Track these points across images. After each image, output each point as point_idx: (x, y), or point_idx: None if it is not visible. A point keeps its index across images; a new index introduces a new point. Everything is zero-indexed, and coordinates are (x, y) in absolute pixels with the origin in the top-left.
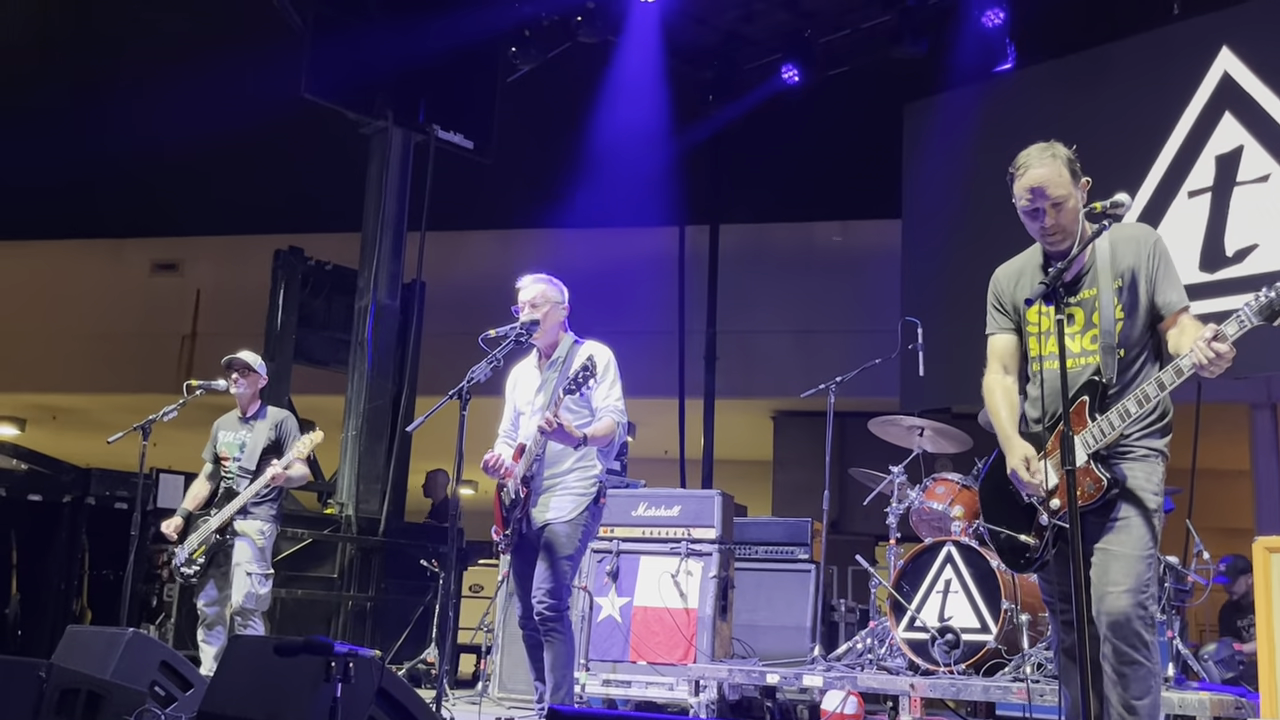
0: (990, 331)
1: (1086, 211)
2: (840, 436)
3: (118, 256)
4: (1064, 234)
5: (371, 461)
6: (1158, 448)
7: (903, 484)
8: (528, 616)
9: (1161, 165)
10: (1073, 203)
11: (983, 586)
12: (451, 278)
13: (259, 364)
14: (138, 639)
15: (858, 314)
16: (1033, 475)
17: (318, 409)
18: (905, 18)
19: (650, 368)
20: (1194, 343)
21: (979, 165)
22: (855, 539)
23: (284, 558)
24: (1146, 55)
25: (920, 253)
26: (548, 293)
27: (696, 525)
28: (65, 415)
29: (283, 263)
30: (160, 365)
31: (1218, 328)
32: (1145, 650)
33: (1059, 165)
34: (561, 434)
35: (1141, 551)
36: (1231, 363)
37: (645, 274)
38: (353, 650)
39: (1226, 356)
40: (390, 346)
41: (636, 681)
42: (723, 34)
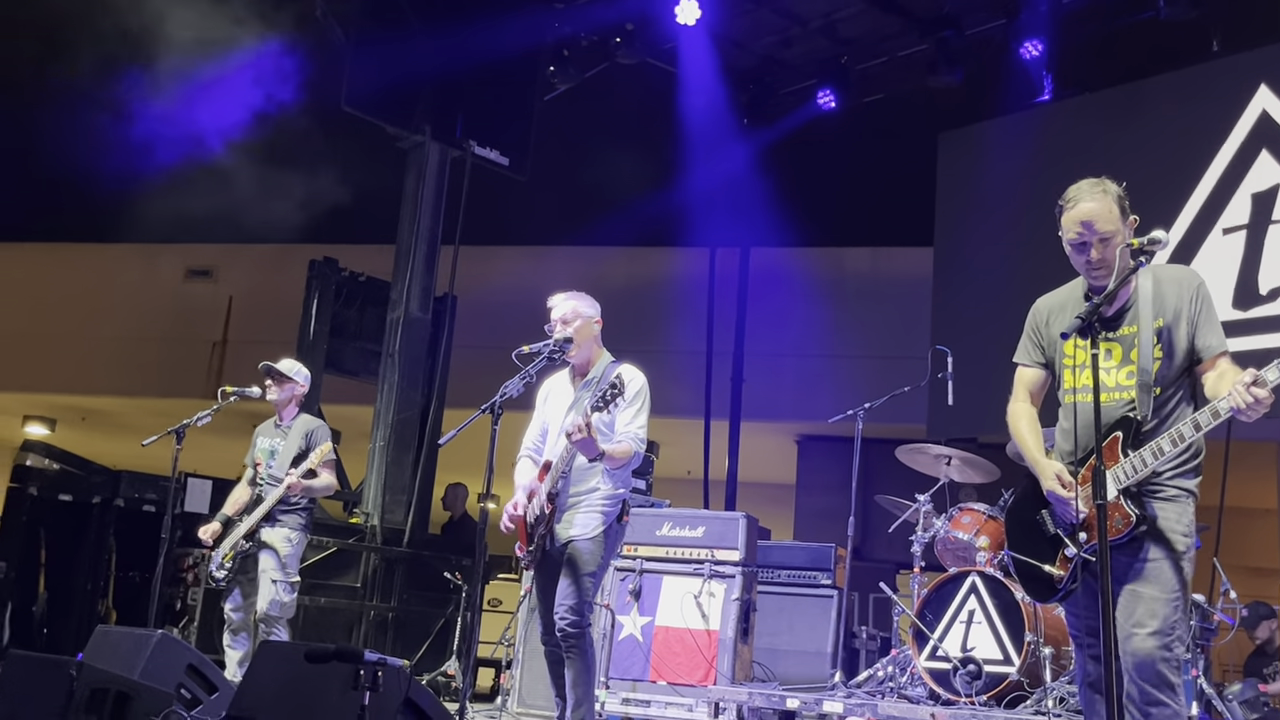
0: (1020, 361)
1: (1123, 247)
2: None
3: (152, 262)
4: (1109, 269)
5: (398, 472)
6: (1188, 488)
7: (928, 512)
8: (549, 633)
9: (1197, 202)
10: (1120, 239)
11: (1006, 618)
12: (483, 292)
13: (296, 372)
14: (166, 641)
15: (885, 341)
16: (1071, 490)
17: (347, 419)
18: (942, 47)
19: (677, 388)
20: (1233, 386)
21: (1014, 196)
22: (878, 566)
23: (308, 566)
24: (1184, 91)
25: (952, 281)
26: (580, 309)
27: (720, 547)
28: (94, 417)
29: (317, 273)
30: (190, 370)
31: (1257, 373)
32: (1170, 692)
33: (1109, 201)
34: (586, 444)
35: (1169, 594)
36: (1269, 408)
37: (675, 295)
38: (382, 659)
39: (1265, 402)
40: (420, 359)
41: (656, 701)
42: (760, 58)
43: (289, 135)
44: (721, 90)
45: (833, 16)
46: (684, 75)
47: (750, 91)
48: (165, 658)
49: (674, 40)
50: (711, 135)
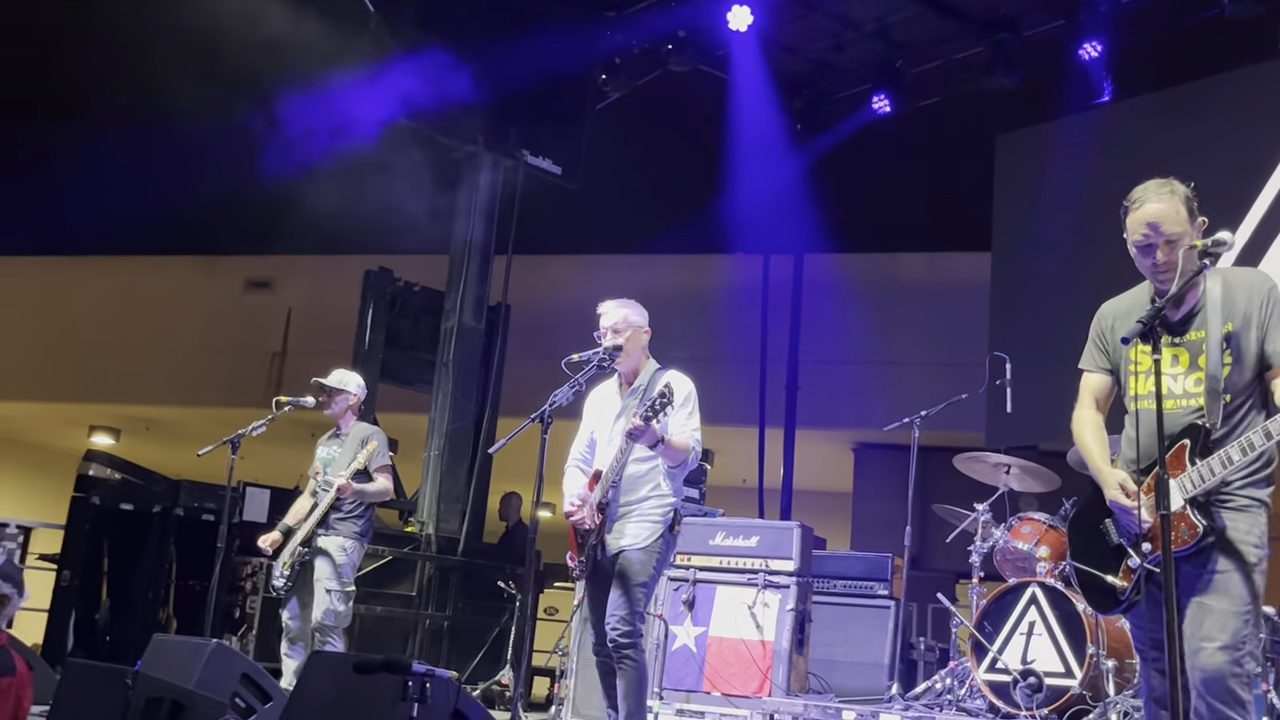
0: (1085, 367)
1: (1187, 250)
2: (924, 471)
3: (212, 273)
4: (1175, 272)
5: (452, 481)
6: (1260, 498)
7: (987, 522)
8: (601, 643)
9: (1264, 203)
10: (1187, 241)
11: (1068, 629)
12: (536, 301)
13: (345, 382)
14: (221, 650)
15: (942, 347)
16: (1134, 499)
17: (402, 428)
18: (998, 49)
19: (731, 396)
20: None
21: (1073, 199)
22: (936, 576)
23: (364, 574)
24: (1248, 90)
25: (1010, 286)
26: (630, 318)
27: (775, 556)
28: (158, 427)
29: (372, 283)
30: (251, 381)
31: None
32: (1241, 709)
33: (1176, 202)
34: (644, 431)
35: (1240, 607)
36: None
37: (728, 302)
38: (430, 671)
39: None
40: (474, 368)
41: (710, 713)
42: (813, 63)
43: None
44: (774, 96)
45: (886, 20)
46: (736, 82)
47: (803, 97)
48: (220, 667)
49: (726, 47)
50: (764, 141)
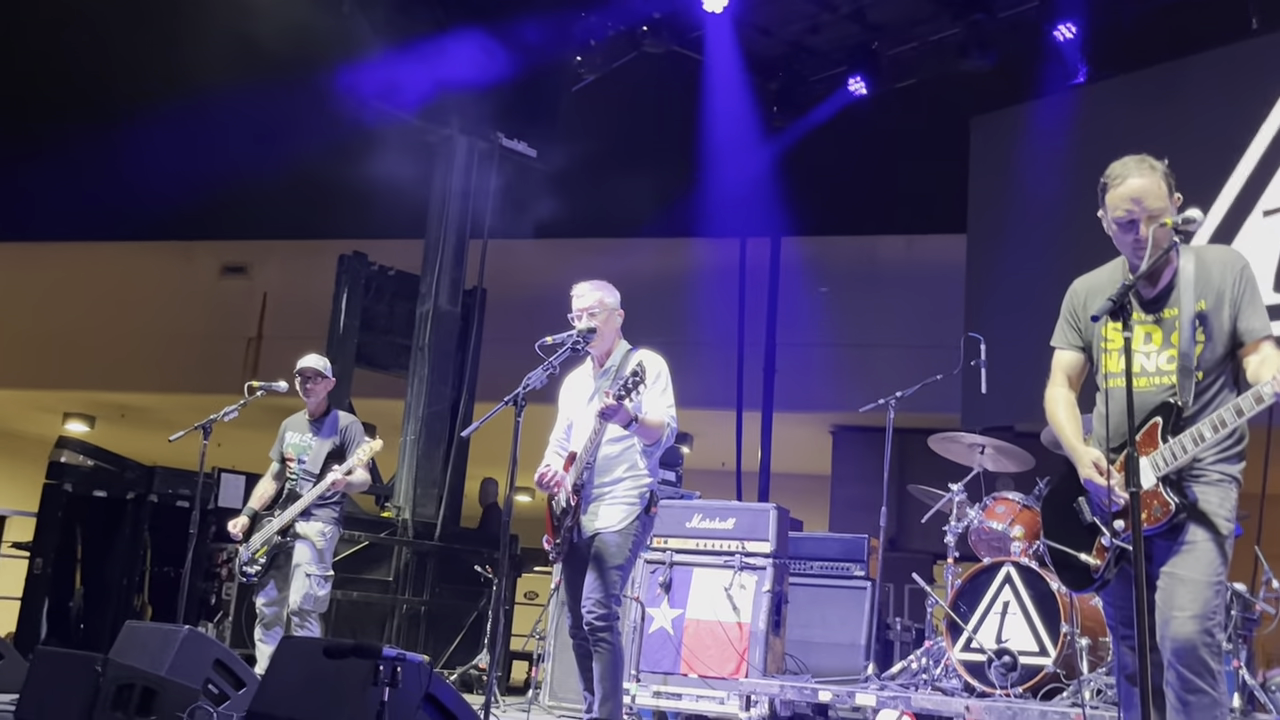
0: (1057, 345)
1: (1159, 226)
2: (900, 453)
3: (187, 259)
4: (1157, 247)
5: (429, 466)
6: (1232, 473)
7: (962, 502)
8: (578, 626)
9: (1236, 183)
10: (1168, 213)
11: (1042, 609)
12: (512, 285)
13: (326, 367)
14: (193, 636)
15: (921, 330)
16: (1107, 477)
17: (378, 413)
18: (973, 30)
19: (709, 379)
20: (1277, 371)
21: (1048, 180)
22: (913, 557)
23: (341, 560)
24: (1222, 71)
25: (985, 268)
26: (604, 300)
27: (751, 539)
28: (133, 414)
29: (346, 267)
30: (226, 367)
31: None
32: (1211, 679)
33: (1157, 178)
34: (617, 411)
35: (1210, 577)
36: None
37: (705, 285)
38: (401, 655)
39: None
40: (450, 352)
41: (687, 694)
42: (788, 45)
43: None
44: (750, 78)
45: (862, 2)
46: (712, 64)
47: (779, 79)
48: (193, 653)
49: (701, 29)
50: (741, 124)
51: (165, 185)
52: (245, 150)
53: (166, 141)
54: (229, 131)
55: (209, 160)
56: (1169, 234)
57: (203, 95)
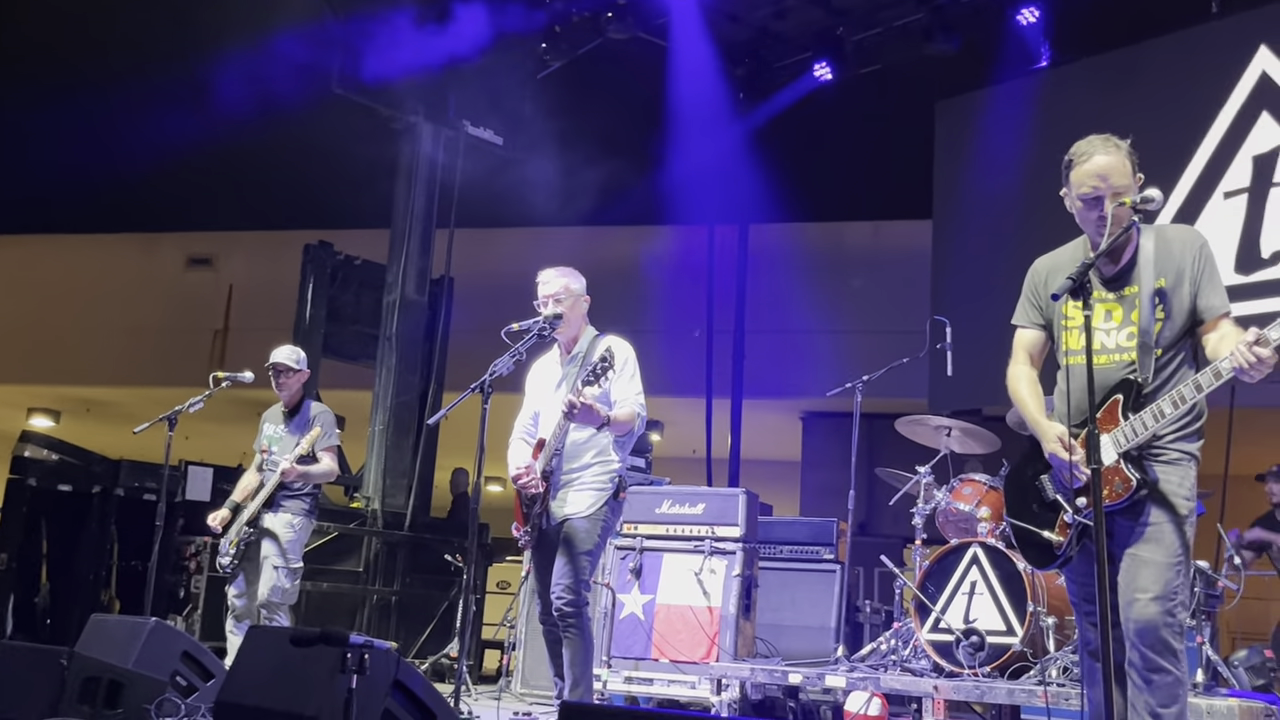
0: (1019, 323)
1: (1118, 205)
2: (869, 437)
3: (152, 251)
4: (1118, 225)
5: (398, 456)
6: (1190, 451)
7: (929, 484)
8: (547, 613)
9: (1198, 165)
10: (1132, 191)
11: (1008, 588)
12: (480, 274)
13: (299, 360)
14: (160, 629)
15: (889, 315)
16: (1072, 453)
17: (345, 403)
18: (937, 15)
19: (678, 367)
20: (1235, 346)
21: (1012, 164)
22: (885, 541)
23: (310, 551)
24: (1183, 54)
25: (951, 252)
26: (570, 285)
27: (720, 523)
28: (99, 408)
29: (312, 257)
30: (193, 359)
31: (1260, 332)
32: (1173, 658)
33: (1122, 156)
34: (587, 414)
35: (1171, 559)
36: (1272, 368)
37: (674, 272)
38: (368, 642)
39: (1268, 361)
40: (418, 342)
41: (659, 679)
42: (754, 31)
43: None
44: (716, 65)
45: None
46: (678, 50)
47: (745, 65)
48: (160, 645)
49: (666, 15)
50: (707, 111)
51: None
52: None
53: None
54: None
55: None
56: (1129, 213)
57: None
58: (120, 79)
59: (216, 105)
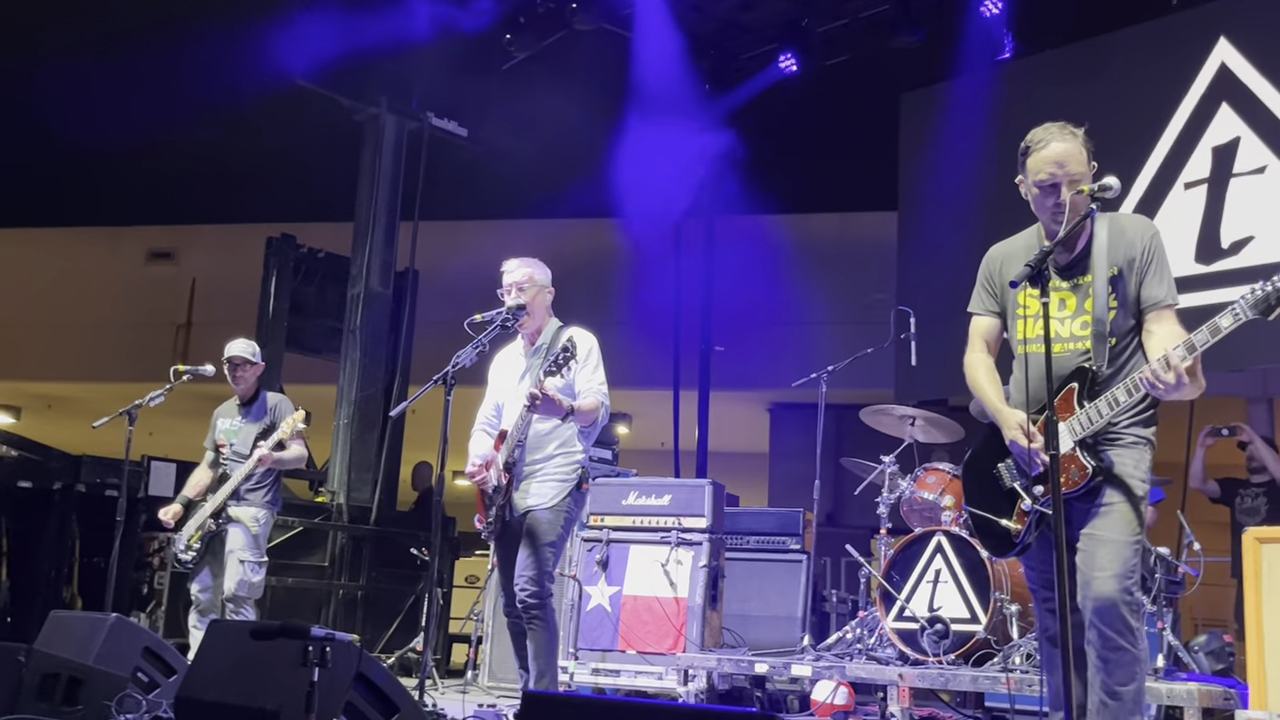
0: (974, 311)
1: (1075, 192)
2: (837, 428)
3: (114, 245)
4: (1075, 213)
5: (363, 450)
6: (1146, 435)
7: (894, 474)
8: (511, 604)
9: (1159, 156)
10: (1087, 178)
11: (972, 576)
12: (445, 266)
13: (254, 353)
14: (121, 624)
15: (856, 306)
16: (1032, 440)
17: (310, 397)
18: (903, 7)
19: (646, 359)
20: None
21: (976, 155)
22: (852, 530)
23: (275, 545)
24: (1145, 46)
25: (916, 243)
26: (534, 276)
27: (687, 514)
28: (61, 404)
29: (275, 250)
30: (155, 354)
31: (1169, 351)
32: (1131, 636)
33: (1078, 143)
34: (549, 405)
35: (1129, 537)
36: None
37: (640, 265)
38: (330, 635)
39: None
40: (382, 335)
41: (625, 671)
42: (720, 22)
43: (244, 112)
44: (682, 56)
45: None
46: (643, 41)
47: (711, 56)
48: (121, 641)
49: (631, 6)
50: (673, 102)
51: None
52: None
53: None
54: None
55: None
56: (1086, 200)
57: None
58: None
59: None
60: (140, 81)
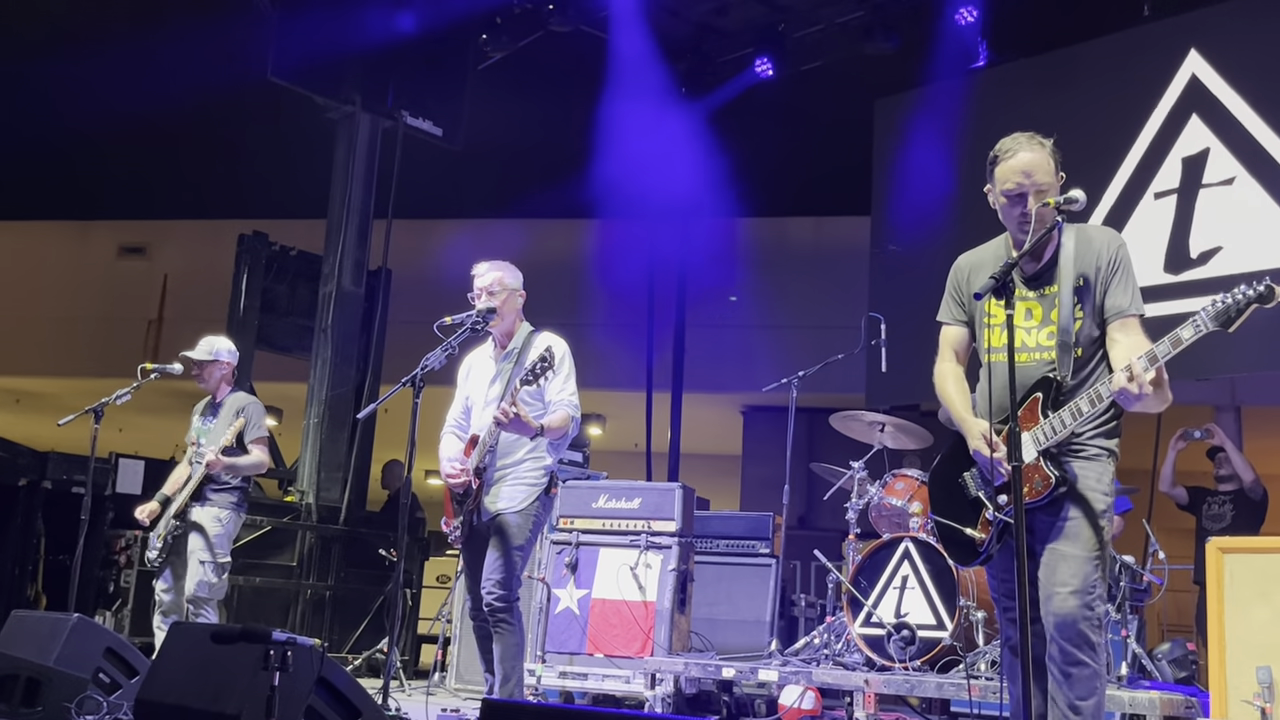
0: (943, 320)
1: (1042, 205)
2: (810, 433)
3: (84, 239)
4: (1041, 225)
5: (333, 449)
6: (1109, 447)
7: (863, 479)
8: (478, 608)
9: (1129, 166)
10: (1054, 189)
11: (939, 583)
12: (418, 266)
13: (215, 351)
14: (82, 624)
15: (830, 310)
16: (995, 449)
17: (281, 396)
18: (877, 13)
19: (619, 361)
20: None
21: (948, 162)
22: (823, 535)
23: (242, 545)
24: (1117, 56)
25: (888, 248)
26: (505, 280)
27: (656, 518)
28: (29, 399)
29: (246, 247)
30: (126, 350)
31: (1133, 361)
32: (1091, 651)
33: (1046, 154)
34: (518, 424)
35: (1089, 553)
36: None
37: (614, 267)
38: (291, 639)
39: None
40: (354, 334)
41: (593, 674)
42: (695, 26)
43: (218, 107)
44: (658, 59)
45: None
46: (619, 44)
47: (687, 60)
48: (82, 642)
49: (608, 8)
50: (649, 105)
51: (60, 162)
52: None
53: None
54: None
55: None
56: (1053, 213)
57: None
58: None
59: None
60: (115, 74)
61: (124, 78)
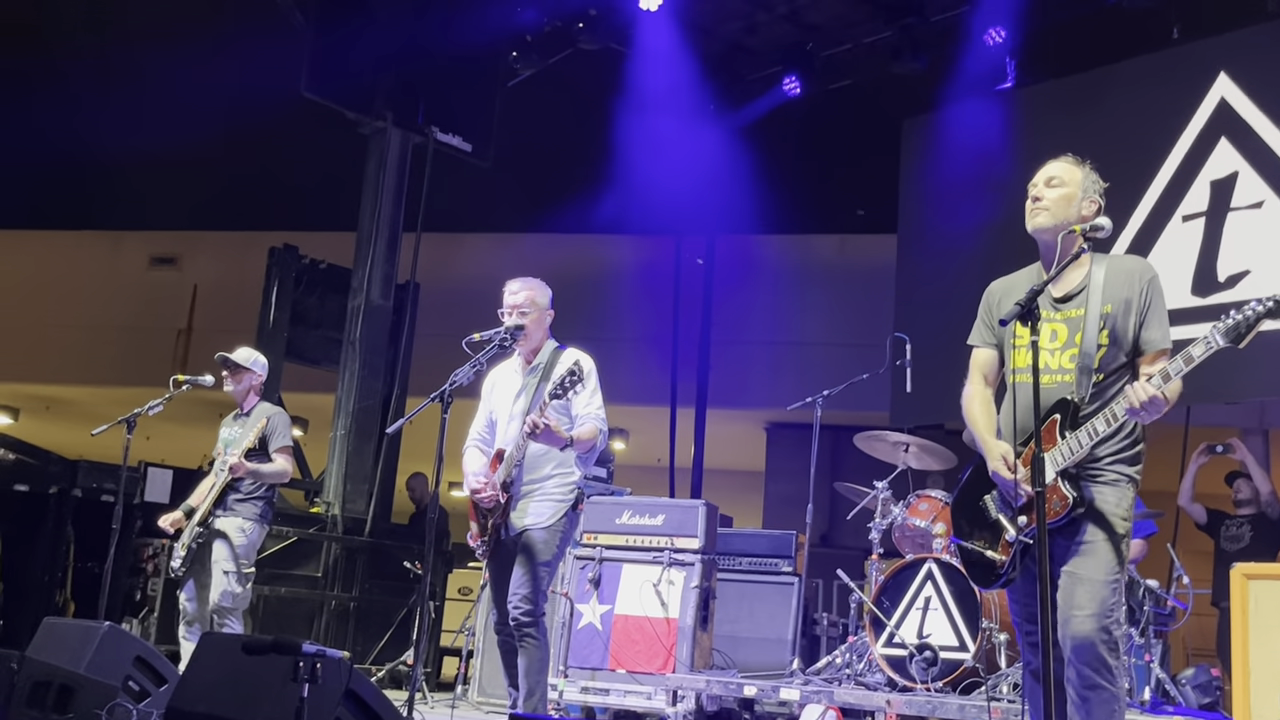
0: (974, 343)
1: (1067, 233)
2: (834, 451)
3: (116, 249)
4: (1048, 214)
5: (359, 461)
6: (1129, 474)
7: (887, 499)
8: (503, 622)
9: (1157, 189)
10: (1072, 193)
11: (962, 605)
12: (446, 280)
13: (252, 361)
14: (113, 633)
15: (855, 328)
16: (1013, 471)
17: (308, 407)
18: (906, 34)
19: (644, 376)
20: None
21: (976, 182)
22: (845, 553)
23: (268, 555)
24: (1145, 79)
25: (915, 268)
26: (535, 298)
27: (680, 535)
28: (59, 406)
29: (277, 260)
30: (155, 359)
31: (1149, 371)
32: (1109, 674)
33: (1079, 168)
34: (549, 435)
35: (1107, 576)
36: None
37: (641, 282)
38: (321, 651)
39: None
40: (381, 347)
41: (615, 690)
42: (725, 44)
43: (251, 122)
44: (686, 77)
45: (797, 3)
46: (649, 62)
47: (716, 78)
48: (113, 650)
49: (636, 26)
50: (677, 122)
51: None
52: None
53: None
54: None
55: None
56: (1074, 240)
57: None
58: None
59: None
60: (149, 90)
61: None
